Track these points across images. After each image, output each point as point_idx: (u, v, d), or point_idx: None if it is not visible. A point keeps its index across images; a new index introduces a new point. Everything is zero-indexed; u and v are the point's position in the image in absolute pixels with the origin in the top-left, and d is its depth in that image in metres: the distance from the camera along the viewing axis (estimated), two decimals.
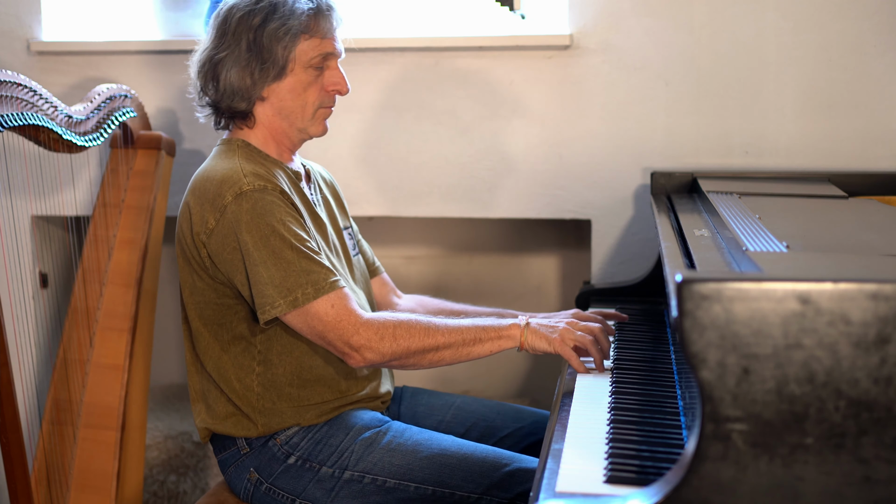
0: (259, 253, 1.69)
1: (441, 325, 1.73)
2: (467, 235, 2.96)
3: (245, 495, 1.83)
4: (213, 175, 1.77)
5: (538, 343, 1.73)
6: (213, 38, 1.84)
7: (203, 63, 1.85)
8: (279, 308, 1.69)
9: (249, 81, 1.81)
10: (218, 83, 1.83)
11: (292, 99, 1.83)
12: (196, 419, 1.88)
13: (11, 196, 2.60)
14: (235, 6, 1.82)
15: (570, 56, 2.51)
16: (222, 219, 1.72)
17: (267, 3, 1.80)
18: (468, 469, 1.74)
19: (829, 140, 2.43)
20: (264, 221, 1.70)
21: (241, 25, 1.80)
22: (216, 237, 1.73)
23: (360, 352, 1.70)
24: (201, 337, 1.82)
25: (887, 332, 1.02)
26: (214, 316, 1.80)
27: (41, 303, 2.72)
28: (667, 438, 1.37)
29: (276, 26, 1.78)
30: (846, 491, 1.03)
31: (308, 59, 1.81)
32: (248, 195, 1.71)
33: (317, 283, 1.69)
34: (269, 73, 1.80)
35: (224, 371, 1.81)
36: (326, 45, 1.83)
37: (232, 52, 1.80)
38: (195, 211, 1.76)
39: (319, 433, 1.80)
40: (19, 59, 2.68)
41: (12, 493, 1.99)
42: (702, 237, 1.62)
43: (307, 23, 1.80)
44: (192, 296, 1.82)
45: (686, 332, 1.04)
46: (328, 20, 1.83)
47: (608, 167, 2.53)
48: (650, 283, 2.25)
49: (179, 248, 1.82)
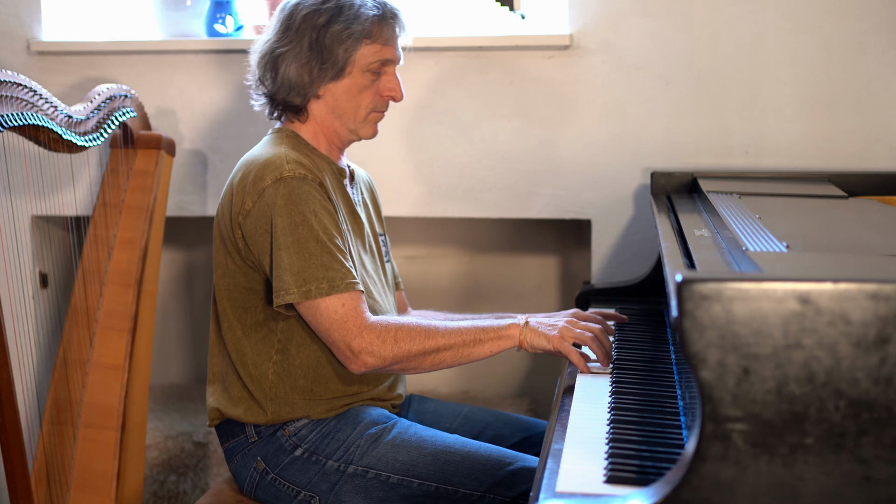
0: (285, 238, 1.72)
1: (441, 328, 1.74)
2: (467, 235, 2.96)
3: (250, 485, 1.84)
4: (257, 159, 1.80)
5: (537, 341, 1.73)
6: (277, 31, 1.86)
7: (264, 54, 1.87)
8: (292, 296, 1.70)
9: (307, 78, 1.83)
10: (276, 76, 1.85)
11: (347, 100, 1.86)
12: (209, 399, 1.90)
13: (11, 196, 2.60)
14: (302, 3, 1.84)
15: (570, 56, 2.51)
16: (259, 201, 1.74)
17: (333, 4, 1.82)
18: (472, 467, 1.75)
19: (829, 140, 2.43)
20: (297, 209, 1.72)
21: (305, 23, 1.82)
22: (251, 218, 1.76)
23: (361, 356, 1.70)
24: (226, 318, 1.84)
25: (887, 332, 1.02)
26: (241, 299, 1.82)
27: (41, 303, 2.72)
28: (667, 438, 1.37)
29: (340, 28, 1.81)
30: (846, 491, 1.03)
31: (367, 64, 1.84)
32: (288, 181, 1.74)
33: (333, 279, 1.71)
34: (327, 72, 1.83)
35: (242, 354, 1.83)
36: (386, 52, 1.86)
37: (294, 47, 1.83)
38: (237, 192, 1.79)
39: (328, 427, 1.81)
40: (19, 59, 2.68)
41: (12, 493, 1.99)
42: (702, 237, 1.62)
43: (370, 28, 1.83)
44: (223, 277, 1.84)
45: (686, 332, 1.04)
46: (391, 27, 1.86)
47: (608, 167, 2.53)
48: (650, 283, 2.25)
49: (217, 228, 1.85)
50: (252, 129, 2.66)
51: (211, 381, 1.91)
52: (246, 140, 2.66)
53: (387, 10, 1.86)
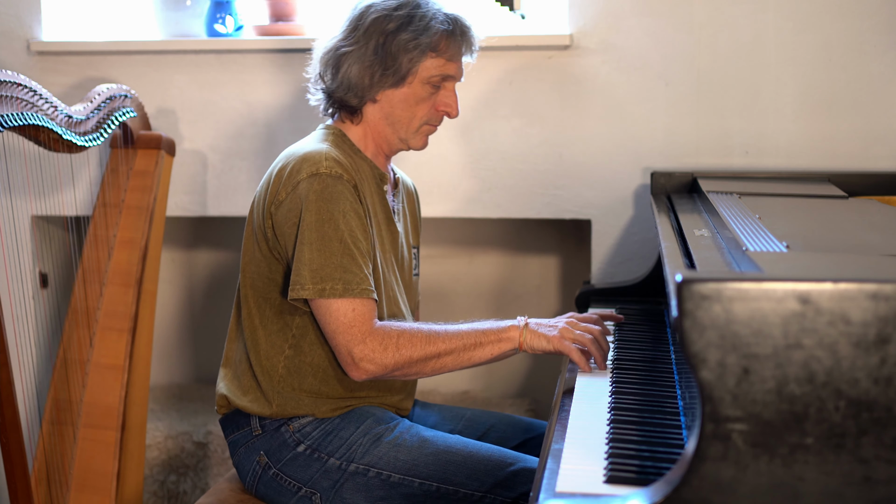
0: (310, 233, 1.72)
1: (441, 332, 1.74)
2: (467, 235, 2.96)
3: (252, 479, 1.84)
4: (298, 153, 1.80)
5: (537, 342, 1.73)
6: (345, 29, 1.85)
7: (328, 51, 1.87)
8: (307, 291, 1.71)
9: (368, 81, 1.83)
10: (337, 74, 1.85)
11: (403, 109, 1.86)
12: (219, 384, 1.90)
13: (11, 196, 2.60)
14: (374, 5, 1.84)
15: (570, 56, 2.51)
16: (293, 193, 1.75)
17: (405, 12, 1.81)
18: (473, 467, 1.75)
19: (829, 140, 2.43)
20: (327, 207, 1.73)
21: (374, 26, 1.81)
22: (283, 209, 1.76)
23: (361, 364, 1.70)
24: (247, 305, 1.85)
25: (887, 332, 1.02)
26: (263, 288, 1.83)
27: (41, 303, 2.72)
28: (667, 438, 1.37)
29: (408, 37, 1.80)
30: (846, 491, 1.03)
31: (428, 77, 1.84)
32: (322, 178, 1.74)
33: (349, 282, 1.71)
34: (388, 79, 1.83)
35: (257, 343, 1.83)
36: (449, 68, 1.85)
37: (359, 48, 1.82)
38: (273, 182, 1.80)
39: (331, 425, 1.82)
40: (19, 59, 2.68)
41: (12, 493, 1.99)
42: (702, 237, 1.62)
43: (438, 42, 1.82)
44: (249, 264, 1.85)
45: (686, 332, 1.04)
46: (458, 44, 1.85)
47: (608, 167, 2.53)
48: (650, 283, 2.25)
49: (250, 215, 1.86)
50: (252, 129, 2.66)
51: (224, 365, 1.91)
52: (246, 140, 2.66)
53: (457, 26, 1.84)
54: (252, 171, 2.67)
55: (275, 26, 2.67)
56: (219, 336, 3.05)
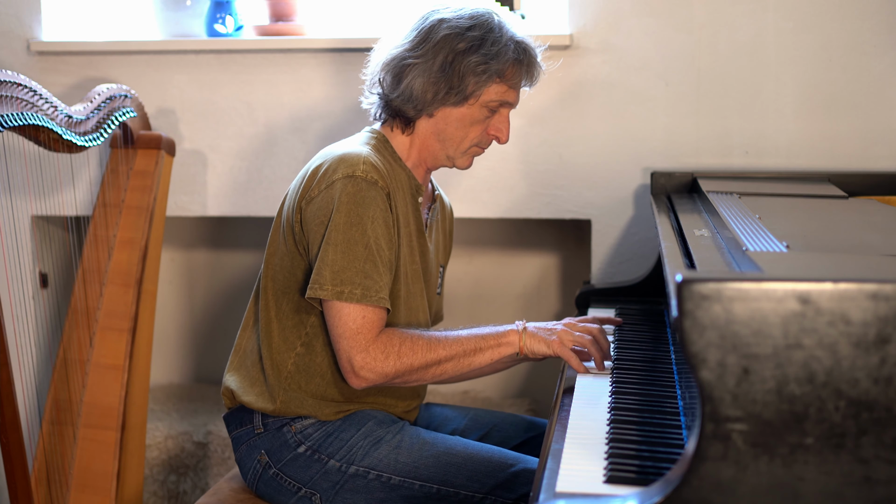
0: (337, 235, 1.71)
1: (441, 338, 1.74)
2: (467, 235, 2.96)
3: (252, 477, 1.84)
4: (337, 152, 1.80)
5: (537, 346, 1.73)
6: (412, 40, 1.82)
7: (393, 58, 1.83)
8: (325, 292, 1.70)
9: (430, 97, 1.80)
10: (399, 84, 1.82)
11: (457, 128, 1.84)
12: (226, 375, 1.89)
13: (11, 196, 2.60)
14: (446, 21, 1.80)
15: (570, 56, 2.51)
16: (326, 191, 1.74)
17: (479, 34, 1.79)
18: (473, 468, 1.75)
19: (829, 140, 2.43)
20: (357, 210, 1.72)
21: (445, 42, 1.79)
22: (313, 206, 1.75)
23: (361, 373, 1.70)
24: (265, 296, 1.85)
25: (887, 332, 1.02)
26: (283, 282, 1.82)
27: (41, 303, 2.72)
28: (667, 438, 1.37)
29: (479, 60, 1.78)
30: (846, 491, 1.03)
31: (488, 101, 1.82)
32: (357, 181, 1.73)
33: (368, 289, 1.70)
34: (451, 97, 1.80)
35: (270, 336, 1.83)
36: (510, 95, 1.84)
37: (425, 61, 1.79)
38: (309, 177, 1.79)
39: (332, 427, 1.81)
40: (19, 59, 2.68)
41: (12, 493, 1.99)
42: (702, 237, 1.62)
43: (506, 69, 1.80)
44: (272, 256, 1.85)
45: (686, 332, 1.04)
46: (523, 75, 1.84)
47: (608, 167, 2.53)
48: (650, 283, 2.25)
49: (281, 207, 1.86)
50: (252, 129, 2.66)
51: (234, 353, 1.91)
52: (246, 140, 2.66)
53: (526, 57, 1.83)
54: (252, 171, 2.67)
55: (275, 26, 2.67)
56: (219, 336, 3.05)
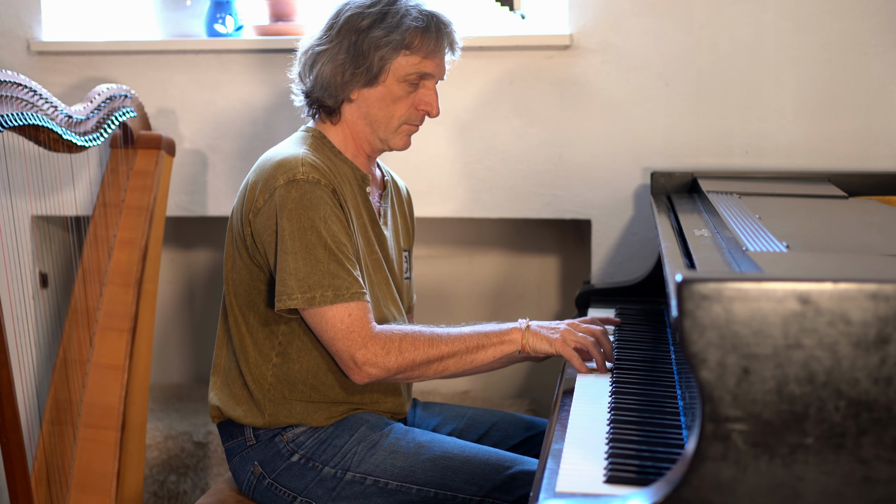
0: (293, 242, 1.70)
1: (444, 335, 1.73)
2: (467, 235, 2.96)
3: (247, 487, 1.84)
4: (275, 157, 1.78)
5: (539, 345, 1.73)
6: (323, 29, 1.83)
7: (305, 51, 1.85)
8: (295, 301, 1.69)
9: (340, 80, 1.80)
10: (312, 74, 1.83)
11: (379, 108, 1.82)
12: (210, 393, 1.88)
13: (11, 196, 2.60)
14: (349, 3, 1.81)
15: (570, 56, 2.51)
16: (269, 200, 1.73)
17: (378, 9, 1.78)
18: (470, 471, 1.74)
19: (829, 140, 2.43)
20: (306, 214, 1.70)
21: (347, 24, 1.79)
22: (261, 217, 1.74)
23: (364, 368, 1.69)
24: (233, 313, 1.84)
25: (887, 332, 1.02)
26: (246, 297, 1.81)
27: (41, 303, 2.72)
28: (667, 438, 1.37)
29: (380, 34, 1.77)
30: (846, 491, 1.03)
31: (403, 75, 1.80)
32: (299, 184, 1.71)
33: (338, 288, 1.69)
34: (360, 77, 1.79)
35: (246, 351, 1.82)
36: (426, 65, 1.81)
37: (332, 47, 1.80)
38: (250, 188, 1.78)
39: (325, 433, 1.80)
40: (19, 59, 2.68)
41: (12, 493, 1.99)
42: (702, 237, 1.62)
43: (411, 39, 1.78)
44: (231, 272, 1.83)
45: (686, 332, 1.04)
46: (434, 41, 1.80)
47: (608, 167, 2.53)
48: (650, 283, 2.25)
49: (230, 222, 1.84)
50: (252, 129, 2.66)
51: (214, 373, 1.89)
52: (246, 140, 2.66)
53: (433, 22, 1.80)
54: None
55: (275, 26, 2.67)
56: None
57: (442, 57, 1.84)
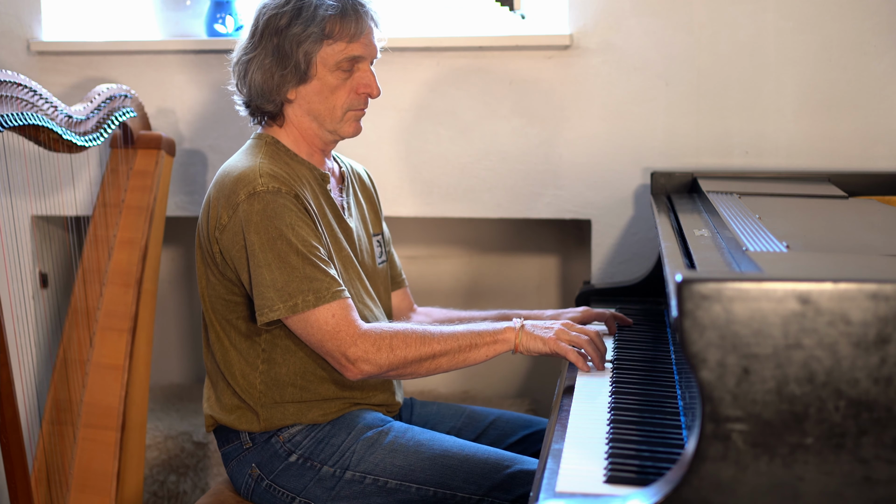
0: (264, 255, 1.69)
1: (436, 333, 1.72)
2: (467, 235, 2.96)
3: (246, 490, 1.84)
4: (232, 171, 1.77)
5: (533, 344, 1.72)
6: (246, 37, 1.82)
7: (236, 62, 1.84)
8: (278, 311, 1.69)
9: (272, 84, 1.79)
10: (246, 83, 1.82)
11: (320, 101, 1.81)
12: (204, 403, 1.89)
13: (11, 196, 2.60)
14: (266, 6, 1.80)
15: (570, 56, 2.51)
16: (234, 216, 1.72)
17: (293, 6, 1.77)
18: (470, 470, 1.74)
19: (829, 140, 2.43)
20: (273, 224, 1.69)
21: (267, 27, 1.78)
22: (228, 233, 1.73)
23: (357, 364, 1.69)
24: (213, 328, 1.83)
25: (887, 332, 1.02)
26: (223, 311, 1.81)
27: (41, 303, 2.72)
28: (667, 438, 1.37)
29: (299, 30, 1.76)
30: (846, 491, 1.03)
31: (334, 63, 1.78)
32: (261, 196, 1.71)
33: (318, 290, 1.69)
34: (291, 77, 1.78)
35: (230, 364, 1.82)
36: (353, 49, 1.79)
37: (258, 53, 1.79)
38: (213, 205, 1.77)
39: (322, 432, 1.80)
40: (19, 59, 2.68)
41: (12, 493, 1.99)
42: (702, 237, 1.62)
43: (331, 27, 1.77)
44: (206, 288, 1.83)
45: (686, 332, 1.05)
46: (355, 23, 1.78)
47: (608, 167, 2.53)
48: (650, 283, 2.25)
49: (198, 240, 1.83)
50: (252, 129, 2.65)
51: (206, 385, 1.90)
52: (245, 140, 2.65)
53: (348, 4, 1.78)
54: None
55: None
56: None
57: (368, 35, 1.81)
